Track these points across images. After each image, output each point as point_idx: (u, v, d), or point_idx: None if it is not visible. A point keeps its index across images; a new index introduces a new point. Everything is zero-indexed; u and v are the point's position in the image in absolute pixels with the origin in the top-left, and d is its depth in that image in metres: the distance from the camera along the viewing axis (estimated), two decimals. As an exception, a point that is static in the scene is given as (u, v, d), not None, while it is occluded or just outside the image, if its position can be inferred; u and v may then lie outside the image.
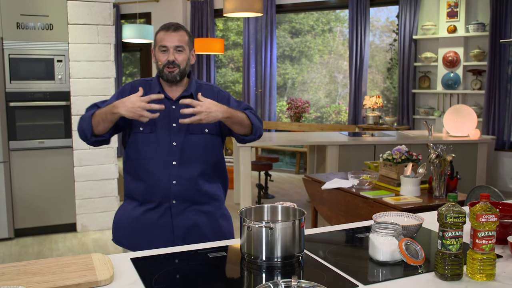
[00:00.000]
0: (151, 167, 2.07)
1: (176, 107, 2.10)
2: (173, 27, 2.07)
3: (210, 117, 1.94)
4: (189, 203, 2.11)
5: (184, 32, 2.09)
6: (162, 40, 2.06)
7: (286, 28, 9.02)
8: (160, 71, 2.08)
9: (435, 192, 3.12)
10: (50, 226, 4.88)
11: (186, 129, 2.09)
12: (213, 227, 2.17)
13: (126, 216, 2.17)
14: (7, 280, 1.48)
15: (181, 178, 2.07)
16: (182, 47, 2.07)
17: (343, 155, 5.23)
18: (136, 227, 2.12)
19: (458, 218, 1.48)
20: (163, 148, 2.07)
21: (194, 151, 2.10)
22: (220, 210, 2.23)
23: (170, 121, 2.09)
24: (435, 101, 7.29)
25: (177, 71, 2.07)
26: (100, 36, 4.89)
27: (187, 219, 2.10)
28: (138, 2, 8.78)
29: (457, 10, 6.82)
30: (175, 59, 2.05)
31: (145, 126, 2.08)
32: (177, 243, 2.08)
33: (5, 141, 4.61)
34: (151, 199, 2.09)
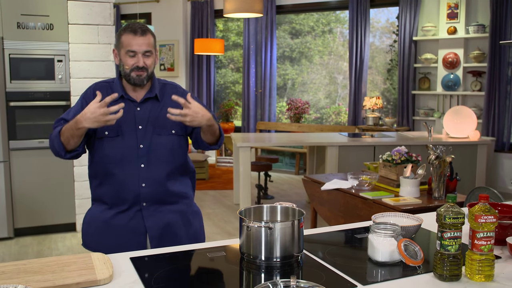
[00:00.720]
0: (119, 171, 2.05)
1: (141, 109, 2.09)
2: (141, 31, 2.03)
3: (195, 121, 1.94)
4: (160, 203, 2.11)
5: (150, 35, 2.06)
6: (130, 45, 2.01)
7: (286, 29, 9.02)
8: (127, 74, 2.04)
9: (434, 193, 3.12)
10: (50, 226, 4.88)
11: (153, 130, 2.08)
12: (185, 225, 2.18)
13: (95, 220, 2.14)
14: (7, 279, 1.49)
15: (150, 181, 2.07)
16: (150, 51, 2.05)
17: (342, 156, 5.23)
18: (107, 231, 2.10)
19: (457, 219, 1.48)
20: (130, 151, 2.05)
21: (161, 152, 2.09)
22: (190, 207, 2.24)
23: (135, 123, 2.08)
24: (435, 102, 7.30)
25: (145, 75, 2.05)
26: (100, 36, 4.89)
27: (159, 220, 2.11)
28: (139, 3, 8.79)
29: (457, 12, 6.83)
30: (145, 64, 2.03)
31: (110, 130, 2.05)
32: (151, 244, 2.09)
33: (5, 141, 4.62)
34: (121, 202, 2.08)
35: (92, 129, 2.02)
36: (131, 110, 2.08)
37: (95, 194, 2.16)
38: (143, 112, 2.09)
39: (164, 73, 9.21)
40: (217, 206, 6.06)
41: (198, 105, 1.95)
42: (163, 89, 2.17)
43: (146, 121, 2.08)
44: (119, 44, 2.07)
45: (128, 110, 2.07)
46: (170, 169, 2.11)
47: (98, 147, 2.08)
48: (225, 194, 6.72)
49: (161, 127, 2.09)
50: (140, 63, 2.02)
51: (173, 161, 2.12)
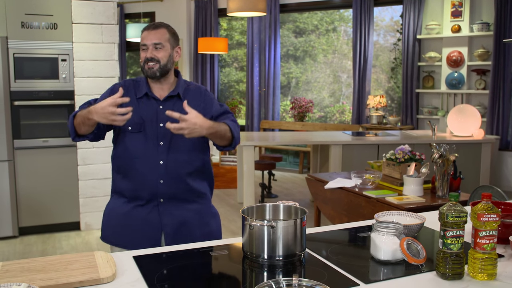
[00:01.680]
0: (138, 166, 2.10)
1: (164, 107, 2.13)
2: (153, 26, 2.12)
3: (195, 132, 1.94)
4: (177, 201, 2.14)
5: (164, 30, 2.13)
6: (143, 39, 2.11)
7: (290, 28, 9.01)
8: (142, 68, 2.12)
9: (438, 192, 3.11)
10: (54, 225, 4.90)
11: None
12: (201, 224, 2.19)
13: (115, 212, 2.19)
14: (11, 277, 1.49)
15: (168, 178, 2.10)
16: (161, 44, 2.10)
17: (346, 154, 5.23)
18: (125, 223, 2.15)
19: (460, 218, 1.48)
20: (151, 147, 2.10)
21: (181, 151, 2.12)
22: (209, 208, 2.25)
23: (157, 121, 2.11)
24: (439, 100, 7.28)
25: (157, 67, 2.09)
26: (104, 35, 4.90)
27: (175, 217, 2.14)
28: (142, 2, 8.80)
29: (461, 10, 6.81)
30: (154, 56, 2.09)
31: (133, 126, 2.11)
32: (166, 241, 2.11)
33: (9, 140, 4.64)
34: (139, 196, 2.13)
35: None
36: (154, 107, 2.13)
37: (115, 187, 2.21)
38: (165, 110, 2.08)
39: (168, 72, 9.21)
40: (221, 204, 6.07)
41: (196, 116, 1.95)
42: (187, 89, 2.21)
43: (168, 119, 2.07)
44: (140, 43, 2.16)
45: (151, 107, 2.13)
46: (189, 168, 2.13)
47: (121, 141, 2.15)
48: (228, 193, 6.72)
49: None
50: (148, 54, 2.09)
51: (192, 160, 2.15)
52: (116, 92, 2.12)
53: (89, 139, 2.14)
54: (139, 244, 2.06)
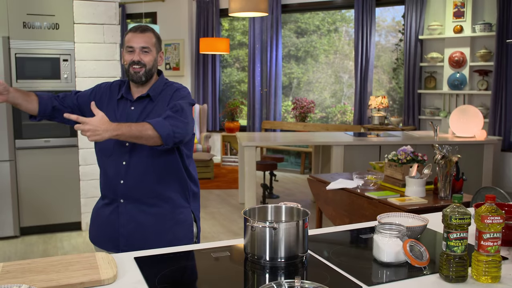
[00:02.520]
0: (106, 166, 2.16)
1: (134, 108, 2.14)
2: (141, 29, 2.11)
3: (97, 136, 1.82)
4: (137, 203, 2.12)
5: (151, 34, 2.12)
6: (129, 41, 2.10)
7: (292, 28, 9.01)
8: (126, 70, 2.11)
9: (440, 193, 3.10)
10: (55, 225, 4.90)
11: None
12: (160, 230, 2.12)
13: (94, 209, 2.30)
14: (12, 278, 1.49)
15: (128, 179, 2.10)
16: (148, 48, 2.10)
17: (348, 155, 5.21)
18: (95, 220, 2.25)
19: (463, 220, 1.47)
20: (116, 148, 2.11)
21: (144, 152, 2.08)
22: (174, 214, 2.16)
23: (126, 121, 2.08)
24: (441, 101, 7.27)
25: (143, 71, 2.09)
26: (106, 35, 4.90)
27: (132, 219, 2.12)
28: (144, 2, 8.80)
29: (463, 10, 6.80)
30: (140, 59, 2.08)
31: None
32: (121, 242, 2.11)
33: (11, 140, 4.63)
34: (105, 195, 2.20)
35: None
36: (125, 108, 2.15)
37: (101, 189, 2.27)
38: (135, 111, 2.13)
39: (170, 72, 9.22)
40: (222, 205, 6.06)
41: (98, 120, 1.83)
42: (164, 90, 2.17)
43: (136, 120, 2.10)
44: (123, 44, 2.15)
45: (123, 108, 2.15)
46: (152, 169, 2.10)
47: (97, 142, 2.11)
48: (230, 193, 6.72)
49: None
50: (136, 57, 2.08)
51: (156, 162, 2.09)
52: (99, 90, 2.22)
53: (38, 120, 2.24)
54: (102, 243, 2.17)
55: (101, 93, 2.21)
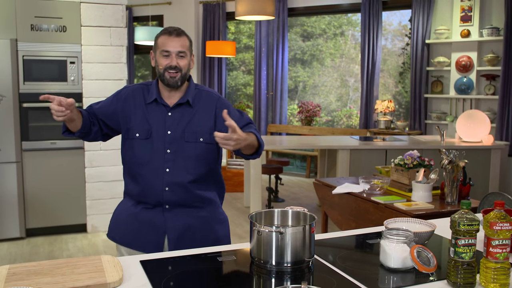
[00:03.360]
0: (145, 172, 2.09)
1: (172, 114, 2.10)
2: (176, 32, 2.07)
3: (238, 145, 1.85)
4: (183, 207, 2.11)
5: (186, 38, 2.09)
6: (165, 45, 2.05)
7: (298, 32, 9.01)
8: (161, 75, 2.07)
9: (447, 198, 3.08)
10: (61, 226, 4.91)
11: (181, 137, 2.08)
12: (207, 231, 2.15)
13: (125, 212, 2.19)
14: (18, 280, 1.49)
15: (173, 185, 2.07)
16: (184, 52, 2.07)
17: (354, 159, 5.20)
18: (132, 223, 2.14)
19: (472, 226, 1.46)
20: (158, 155, 2.07)
21: (188, 159, 2.08)
22: (215, 214, 2.20)
23: (165, 128, 2.08)
24: (447, 106, 7.24)
25: (179, 76, 2.06)
26: (113, 38, 4.91)
27: (180, 223, 2.10)
28: (151, 5, 8.82)
29: (470, 15, 6.77)
30: (178, 64, 2.05)
31: (141, 132, 2.09)
32: (169, 245, 2.09)
33: (17, 142, 4.65)
34: (145, 201, 2.12)
35: (124, 130, 2.13)
36: (162, 114, 2.10)
37: (126, 189, 2.21)
38: (174, 118, 2.09)
39: (176, 75, 9.23)
40: (228, 208, 6.06)
41: (241, 134, 1.86)
42: (199, 96, 2.15)
43: (176, 126, 2.08)
44: (155, 46, 2.10)
45: (160, 114, 2.10)
46: (195, 176, 2.09)
47: (129, 147, 2.12)
48: (235, 197, 6.71)
49: (190, 134, 2.08)
50: (173, 62, 2.04)
51: (199, 168, 2.10)
52: (120, 97, 2.16)
53: (77, 136, 2.14)
54: (143, 246, 2.09)
55: (123, 99, 2.15)
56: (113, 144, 4.92)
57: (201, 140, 2.10)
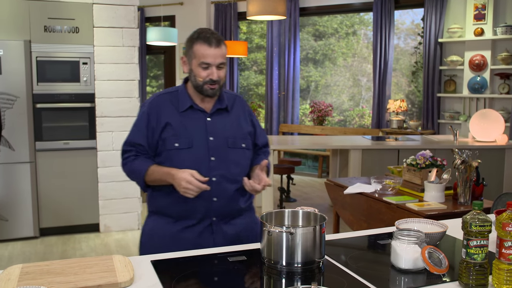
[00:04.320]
0: None
1: (212, 119, 2.02)
2: (215, 42, 1.94)
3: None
4: (229, 217, 2.04)
5: (224, 46, 1.97)
6: (205, 57, 1.92)
7: (310, 31, 8.99)
8: (199, 86, 1.96)
9: (460, 199, 3.05)
10: (74, 226, 4.95)
11: (224, 143, 2.01)
12: (252, 236, 2.08)
13: (160, 233, 2.03)
14: (31, 280, 1.50)
15: (221, 195, 1.99)
16: (224, 63, 1.97)
17: (366, 159, 5.17)
18: (173, 245, 1.96)
19: (484, 227, 1.44)
20: (202, 163, 1.96)
21: (232, 165, 2.01)
22: (255, 218, 2.17)
23: (206, 134, 2.00)
24: (461, 105, 7.18)
25: (217, 87, 1.98)
26: (125, 39, 4.94)
27: (229, 234, 2.02)
28: (163, 5, 8.85)
29: (484, 13, 6.71)
30: (218, 77, 1.96)
31: (181, 142, 1.97)
32: None
33: (31, 142, 4.70)
34: (189, 216, 1.99)
35: (161, 139, 2.00)
36: (201, 120, 2.01)
37: (157, 205, 2.05)
38: (214, 123, 2.02)
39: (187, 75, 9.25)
40: (239, 208, 6.05)
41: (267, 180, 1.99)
42: (232, 100, 2.12)
43: (218, 132, 2.01)
44: (191, 53, 1.97)
45: (198, 120, 2.01)
46: (239, 182, 2.02)
47: (167, 158, 1.98)
48: (247, 197, 6.70)
49: (233, 139, 2.03)
50: (215, 76, 1.94)
51: (242, 174, 2.04)
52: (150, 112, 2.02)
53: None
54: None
55: (155, 111, 2.01)
56: (125, 144, 4.95)
57: (243, 145, 2.06)
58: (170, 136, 1.97)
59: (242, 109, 2.13)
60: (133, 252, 4.44)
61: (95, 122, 4.88)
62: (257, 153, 2.17)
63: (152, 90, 10.24)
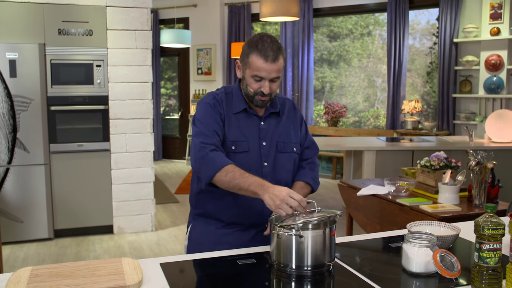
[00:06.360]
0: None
1: (265, 124, 1.99)
2: (272, 56, 1.85)
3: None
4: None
5: (282, 59, 1.88)
6: (259, 70, 1.85)
7: (324, 32, 8.95)
8: (250, 96, 1.92)
9: (474, 201, 3.01)
10: (88, 228, 4.98)
11: (276, 147, 1.98)
12: None
13: (209, 237, 1.99)
14: (39, 282, 1.51)
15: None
16: (278, 77, 1.90)
17: (380, 160, 5.13)
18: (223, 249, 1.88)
19: (497, 230, 1.41)
20: (256, 169, 1.92)
21: (283, 171, 1.99)
22: None
23: (260, 139, 1.97)
24: (476, 105, 7.09)
25: (268, 99, 1.93)
26: (138, 41, 4.96)
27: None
28: (176, 8, 8.89)
29: (500, 12, 6.61)
30: (270, 90, 1.90)
31: (237, 145, 1.93)
32: None
33: (46, 144, 4.74)
34: (239, 222, 1.97)
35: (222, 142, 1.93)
36: (255, 124, 1.98)
37: (203, 209, 2.00)
38: (267, 128, 1.99)
39: (201, 77, 9.28)
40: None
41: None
42: (284, 104, 2.09)
43: (270, 137, 1.98)
44: (246, 61, 1.91)
45: (252, 124, 1.98)
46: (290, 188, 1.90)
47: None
48: (260, 198, 6.69)
49: (284, 144, 2.00)
50: (266, 90, 1.88)
51: (290, 180, 2.03)
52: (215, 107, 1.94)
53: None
54: None
55: (219, 109, 1.95)
56: (138, 146, 4.98)
57: (294, 150, 2.03)
58: (228, 137, 1.92)
59: (294, 114, 2.10)
60: (146, 254, 4.45)
61: (108, 124, 4.91)
62: (303, 166, 2.11)
63: (167, 92, 10.28)
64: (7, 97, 4.57)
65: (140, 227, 5.12)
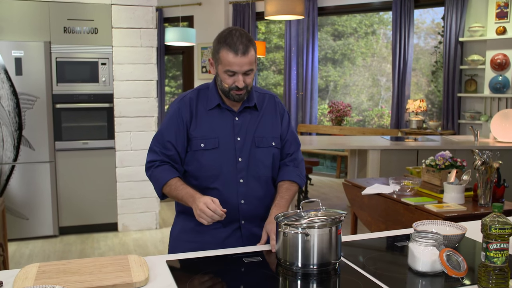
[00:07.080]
0: (216, 186, 1.92)
1: (239, 119, 1.96)
2: (242, 49, 1.82)
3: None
4: (259, 220, 1.98)
5: (252, 51, 1.86)
6: (230, 65, 1.83)
7: (329, 31, 8.94)
8: (225, 91, 1.90)
9: (480, 200, 3.00)
10: (93, 225, 5.00)
11: (252, 143, 1.95)
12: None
13: (187, 235, 2.00)
14: (47, 278, 1.52)
15: (249, 197, 1.94)
16: (251, 69, 1.87)
17: (384, 160, 5.12)
18: (200, 247, 1.90)
19: (504, 230, 1.41)
20: (229, 165, 1.91)
21: (261, 166, 1.96)
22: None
23: (234, 134, 1.94)
24: (482, 105, 7.06)
25: (244, 93, 1.90)
26: (143, 39, 4.97)
27: (259, 237, 1.94)
28: (181, 6, 8.89)
29: (507, 11, 6.59)
30: (245, 83, 1.87)
31: (206, 142, 1.92)
32: None
33: (51, 142, 4.76)
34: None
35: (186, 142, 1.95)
36: (229, 120, 1.95)
37: (184, 207, 1.95)
38: (242, 123, 1.96)
39: (206, 75, 9.29)
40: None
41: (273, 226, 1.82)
42: (262, 98, 2.05)
43: (245, 132, 1.95)
44: (217, 57, 1.88)
45: (226, 120, 1.95)
46: (268, 184, 1.99)
47: (193, 160, 1.94)
48: (264, 197, 6.69)
49: (261, 138, 1.97)
50: (240, 83, 1.86)
51: (271, 175, 2.00)
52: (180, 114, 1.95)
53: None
54: None
55: (184, 112, 1.95)
56: (143, 144, 4.98)
57: (273, 144, 2.00)
58: (196, 135, 1.92)
59: (274, 109, 2.06)
60: (151, 252, 4.46)
61: (113, 122, 4.92)
62: (286, 164, 2.07)
63: (171, 90, 10.29)
64: (12, 94, 4.58)
65: (144, 224, 5.13)
